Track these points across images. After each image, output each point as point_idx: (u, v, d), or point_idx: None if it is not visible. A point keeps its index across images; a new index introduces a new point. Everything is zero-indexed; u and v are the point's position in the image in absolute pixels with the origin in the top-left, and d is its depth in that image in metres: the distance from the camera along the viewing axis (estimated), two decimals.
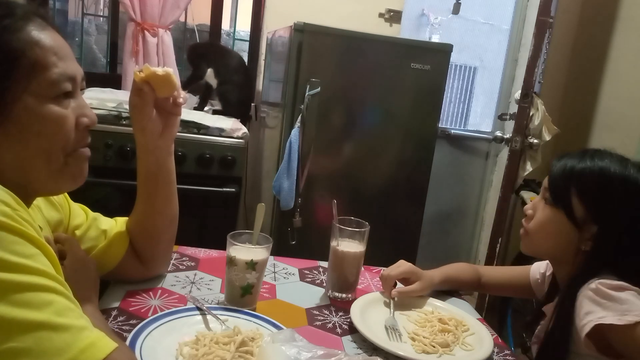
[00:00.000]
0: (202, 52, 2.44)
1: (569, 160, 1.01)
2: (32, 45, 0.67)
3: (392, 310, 1.07)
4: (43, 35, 0.68)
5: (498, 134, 2.70)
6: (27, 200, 0.75)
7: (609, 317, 0.86)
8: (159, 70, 0.88)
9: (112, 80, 2.58)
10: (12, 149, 0.67)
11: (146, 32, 2.44)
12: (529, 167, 2.40)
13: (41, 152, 0.69)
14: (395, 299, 1.10)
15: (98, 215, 1.01)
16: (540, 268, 1.21)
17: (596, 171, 0.97)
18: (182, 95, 0.95)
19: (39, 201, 0.84)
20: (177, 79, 0.92)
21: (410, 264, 1.16)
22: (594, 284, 0.91)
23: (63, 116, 0.70)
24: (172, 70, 0.90)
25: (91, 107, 0.77)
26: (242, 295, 0.98)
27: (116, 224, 1.01)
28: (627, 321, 0.84)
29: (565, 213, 0.99)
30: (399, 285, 1.14)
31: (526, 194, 2.42)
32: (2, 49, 0.65)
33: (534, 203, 1.07)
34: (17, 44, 0.66)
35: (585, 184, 0.98)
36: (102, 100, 2.04)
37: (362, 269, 1.18)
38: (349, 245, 1.12)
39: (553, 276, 1.11)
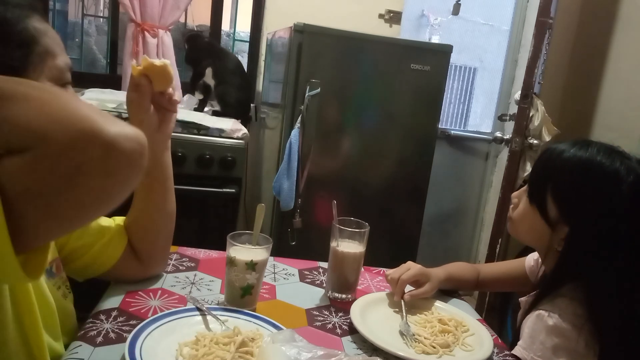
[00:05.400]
0: (201, 45, 2.41)
1: (552, 155, 0.98)
2: (42, 34, 0.71)
3: (404, 314, 1.06)
4: (46, 27, 0.72)
5: (498, 134, 2.70)
6: None
7: (519, 350, 0.89)
8: (157, 62, 0.90)
9: (112, 81, 2.58)
10: None
11: (146, 33, 2.44)
12: (528, 168, 2.39)
13: None
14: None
15: None
16: (534, 255, 1.20)
17: (574, 172, 0.93)
18: (178, 93, 0.96)
19: None
20: (175, 72, 0.93)
21: (418, 265, 1.15)
22: (541, 311, 0.89)
23: None
24: (169, 61, 0.92)
25: None
26: (242, 296, 0.98)
27: (114, 223, 1.02)
28: None
29: (540, 212, 0.97)
30: (408, 287, 1.14)
31: None
32: (20, 34, 0.68)
33: (520, 192, 1.05)
34: (32, 32, 0.69)
35: (560, 184, 0.94)
36: (102, 100, 2.04)
37: (362, 269, 1.18)
38: (349, 246, 1.12)
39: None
